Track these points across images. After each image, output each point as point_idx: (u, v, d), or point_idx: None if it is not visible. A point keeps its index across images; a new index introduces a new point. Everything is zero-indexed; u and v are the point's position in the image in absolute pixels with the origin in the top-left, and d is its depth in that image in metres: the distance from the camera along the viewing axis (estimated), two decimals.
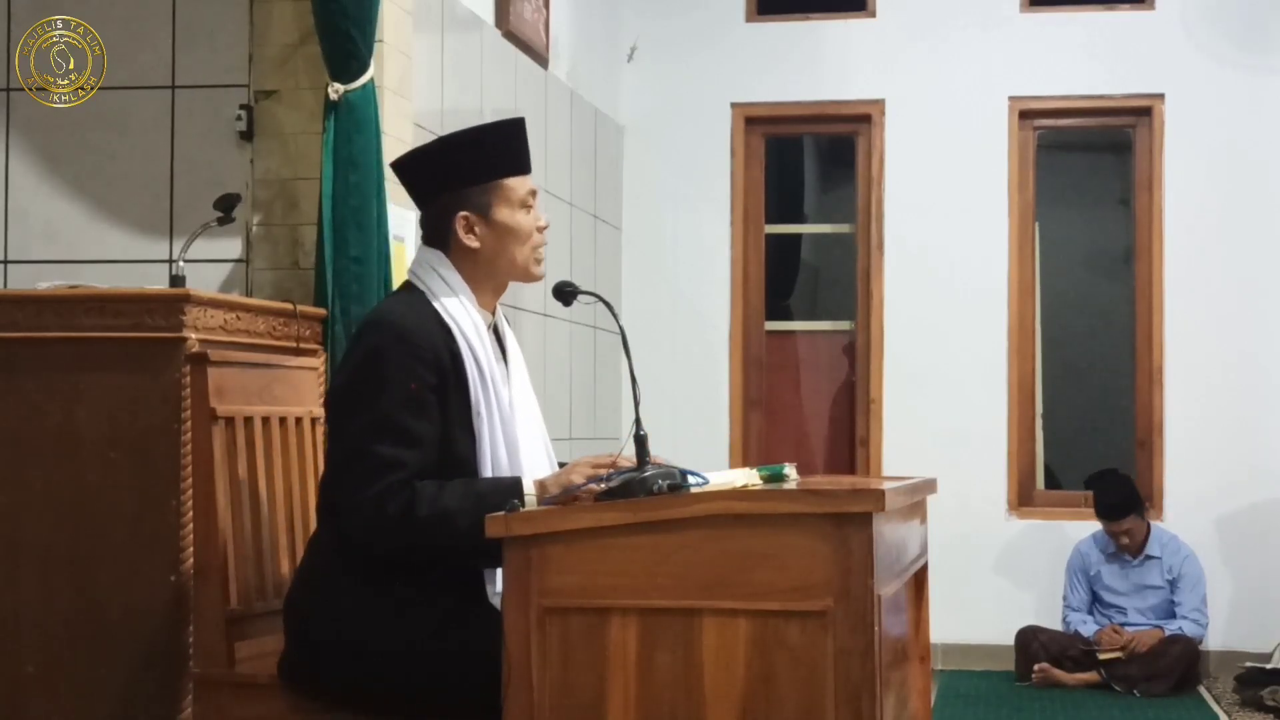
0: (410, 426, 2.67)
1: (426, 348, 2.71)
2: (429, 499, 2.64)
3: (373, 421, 2.66)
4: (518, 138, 2.91)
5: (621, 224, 7.02)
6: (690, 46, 7.05)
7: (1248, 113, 6.74)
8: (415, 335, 2.71)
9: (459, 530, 2.60)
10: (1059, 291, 7.59)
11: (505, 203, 2.84)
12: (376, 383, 2.68)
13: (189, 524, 3.12)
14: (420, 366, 2.69)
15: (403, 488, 2.64)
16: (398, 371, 2.68)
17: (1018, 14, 6.92)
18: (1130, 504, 6.40)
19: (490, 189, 2.84)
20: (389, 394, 2.67)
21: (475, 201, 2.83)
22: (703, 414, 6.93)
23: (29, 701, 3.23)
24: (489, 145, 2.89)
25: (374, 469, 2.64)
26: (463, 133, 2.97)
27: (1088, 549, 6.57)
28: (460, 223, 2.83)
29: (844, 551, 2.34)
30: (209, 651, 2.97)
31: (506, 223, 2.84)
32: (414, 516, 2.62)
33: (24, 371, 3.27)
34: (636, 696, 2.40)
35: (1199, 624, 6.36)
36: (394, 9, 4.15)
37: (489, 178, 2.84)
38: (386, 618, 2.69)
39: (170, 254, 4.05)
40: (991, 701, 6.05)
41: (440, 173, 2.87)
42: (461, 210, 2.83)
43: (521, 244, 2.86)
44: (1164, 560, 6.46)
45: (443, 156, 2.89)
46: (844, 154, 7.33)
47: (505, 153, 2.87)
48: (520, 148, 2.90)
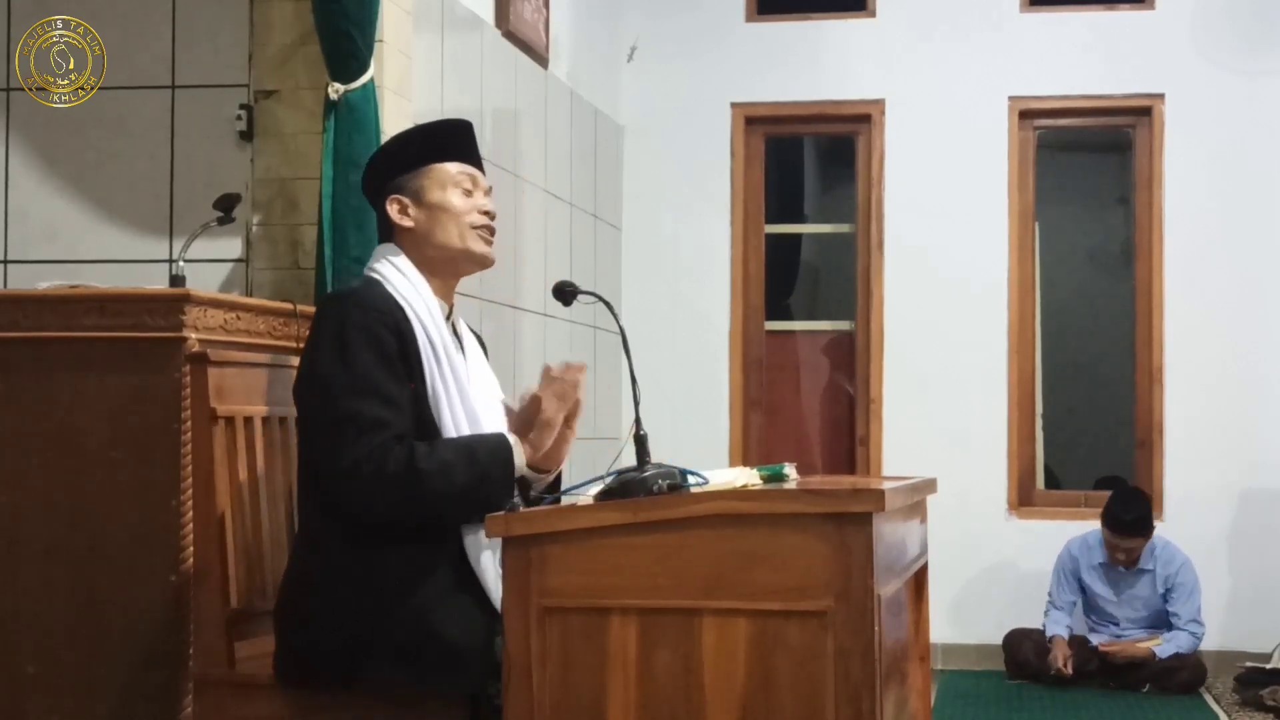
0: (388, 388, 2.71)
1: (386, 312, 2.77)
2: (425, 454, 2.67)
3: (352, 385, 2.69)
4: (456, 133, 3.01)
5: (621, 224, 7.02)
6: (690, 46, 7.05)
7: (1247, 113, 6.74)
8: (374, 303, 2.77)
9: (458, 484, 2.67)
10: (1059, 291, 7.60)
11: (437, 185, 2.92)
12: (348, 349, 2.71)
13: (189, 524, 3.12)
14: (383, 330, 2.74)
15: (396, 445, 2.67)
16: (367, 337, 2.72)
17: (1018, 14, 6.92)
18: (1144, 525, 6.33)
19: (421, 173, 2.92)
20: (363, 358, 2.71)
21: (407, 187, 2.93)
22: (703, 414, 6.93)
23: (29, 701, 3.22)
24: (423, 137, 3.01)
25: (363, 429, 2.66)
26: (399, 135, 3.12)
27: (1079, 551, 6.51)
28: (393, 205, 2.92)
29: (844, 551, 2.34)
30: (209, 651, 2.97)
31: (437, 201, 2.91)
32: (416, 470, 2.65)
33: (24, 371, 3.26)
34: (636, 696, 2.40)
35: (1195, 635, 6.31)
36: (394, 9, 4.15)
37: (420, 164, 2.92)
38: (377, 609, 2.69)
39: (170, 254, 4.06)
40: (991, 702, 6.05)
41: (380, 168, 2.99)
42: (391, 195, 2.92)
43: (455, 220, 2.91)
44: (1157, 571, 6.39)
45: (381, 154, 3.06)
46: (844, 154, 7.33)
47: (438, 143, 2.97)
48: (459, 140, 2.99)
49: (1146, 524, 6.34)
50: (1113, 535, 6.35)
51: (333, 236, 3.77)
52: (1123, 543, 6.34)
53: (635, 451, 2.66)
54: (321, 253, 3.79)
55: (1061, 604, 6.48)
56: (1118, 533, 6.33)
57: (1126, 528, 6.31)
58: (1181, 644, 6.26)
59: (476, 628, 2.69)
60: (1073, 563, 6.51)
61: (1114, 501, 6.39)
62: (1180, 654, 6.23)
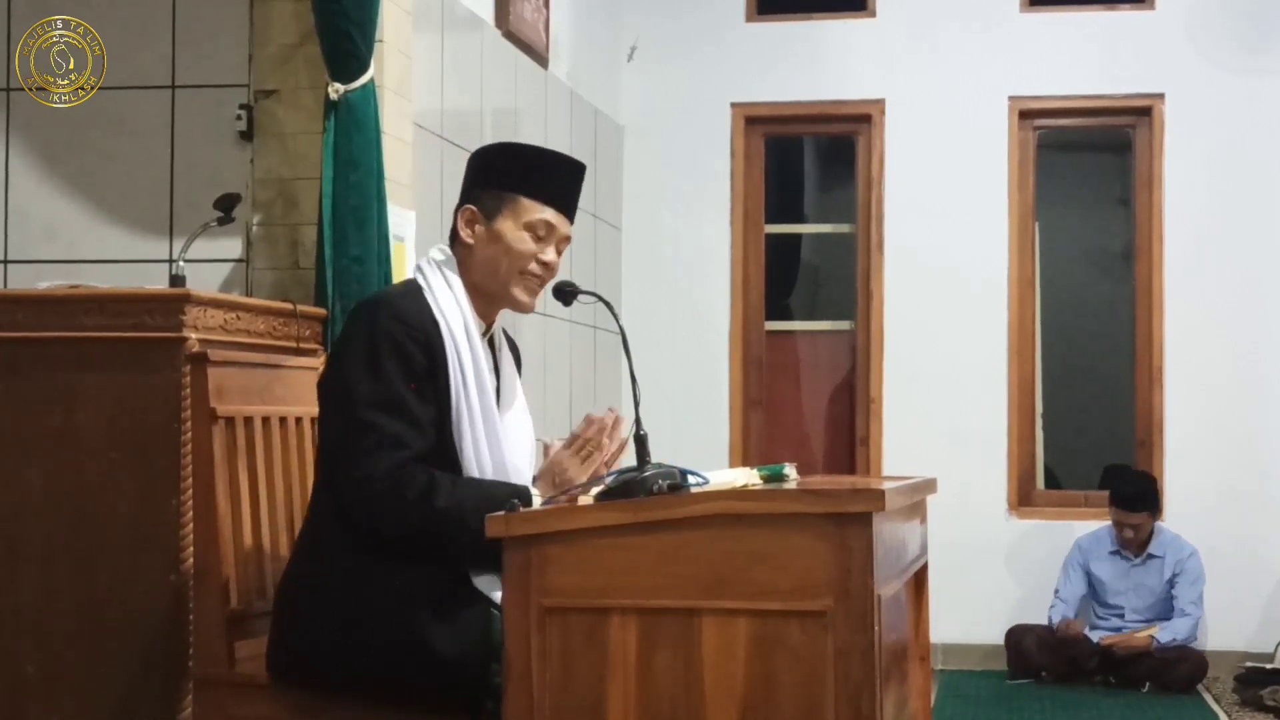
0: (413, 406, 2.69)
1: (418, 329, 2.73)
2: (446, 491, 2.65)
3: (376, 396, 2.67)
4: (566, 177, 2.94)
5: (621, 224, 7.02)
6: (690, 46, 7.05)
7: (1247, 113, 6.74)
8: (411, 318, 2.74)
9: (470, 529, 2.58)
10: (1059, 291, 7.59)
11: (512, 216, 2.86)
12: (379, 359, 2.69)
13: (189, 524, 3.12)
14: (413, 346, 2.71)
15: (415, 469, 2.65)
16: (400, 351, 2.70)
17: (1018, 14, 6.92)
18: (1146, 498, 6.43)
19: (505, 199, 2.86)
20: (392, 371, 2.69)
21: (487, 204, 2.87)
22: (703, 414, 6.93)
23: (29, 701, 3.22)
24: (527, 163, 2.92)
25: (380, 443, 2.65)
26: (515, 144, 3.06)
27: (1089, 544, 6.59)
28: (464, 214, 2.88)
29: (844, 551, 2.34)
30: (209, 651, 2.97)
31: (504, 233, 2.85)
32: (432, 506, 2.64)
33: (24, 371, 3.26)
34: (636, 696, 2.40)
35: (1192, 617, 6.36)
36: (394, 9, 4.15)
37: (508, 189, 2.86)
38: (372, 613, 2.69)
39: (170, 254, 4.05)
40: (991, 701, 6.05)
41: (476, 170, 2.92)
42: (470, 204, 2.87)
43: (510, 259, 2.85)
44: (1166, 559, 6.47)
45: (492, 154, 2.96)
46: (844, 154, 7.33)
47: (539, 178, 2.89)
48: (562, 183, 2.92)
49: (1149, 497, 6.44)
50: (1117, 510, 6.44)
51: (333, 236, 3.77)
52: (1128, 518, 6.42)
53: (635, 451, 2.67)
54: (321, 253, 3.79)
55: (1067, 596, 6.53)
56: (1122, 506, 6.42)
57: (1129, 501, 6.41)
58: (1179, 631, 6.30)
59: (470, 642, 2.67)
60: (1082, 555, 6.58)
61: (1115, 478, 6.53)
62: (1179, 641, 6.26)
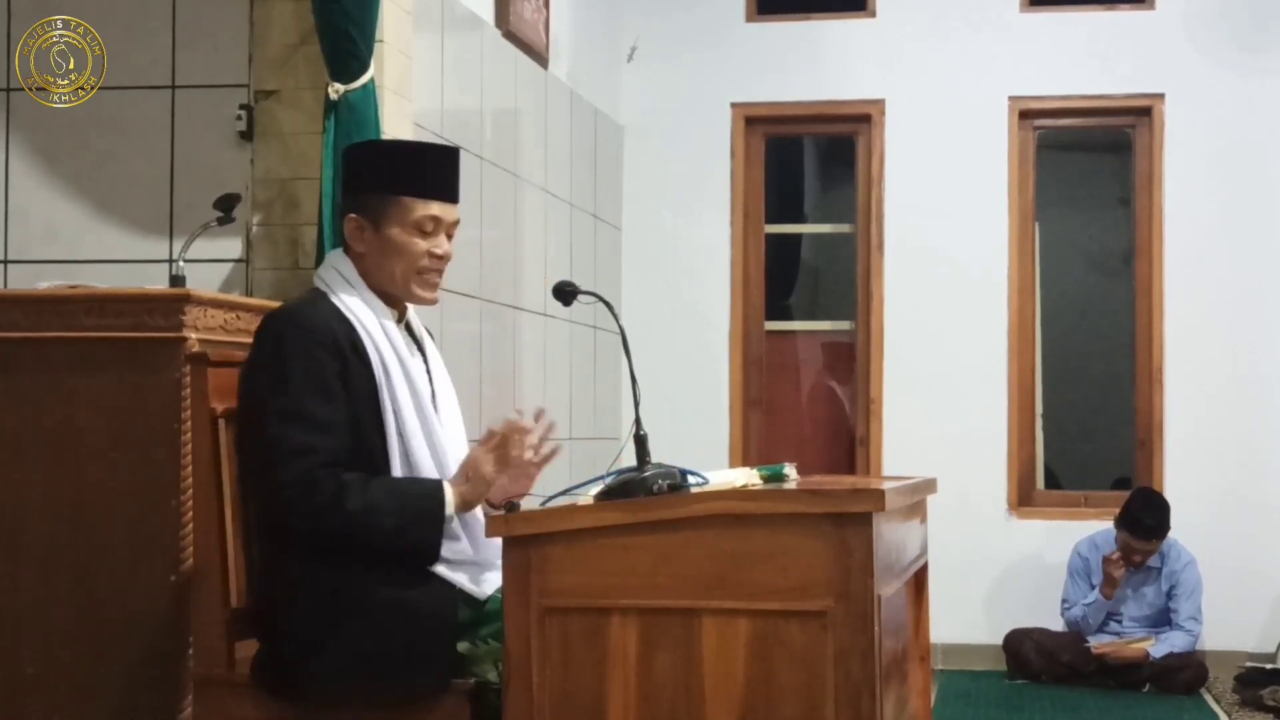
0: (316, 412, 2.70)
1: (325, 333, 2.74)
2: (356, 492, 2.67)
3: (281, 410, 2.70)
4: (441, 165, 2.91)
5: (621, 224, 7.02)
6: (690, 46, 7.05)
7: (1247, 113, 6.74)
8: (313, 321, 2.75)
9: (384, 529, 2.66)
10: (1059, 291, 7.60)
11: (397, 220, 2.85)
12: (281, 371, 2.72)
13: (189, 524, 3.12)
14: (321, 351, 2.73)
15: (323, 474, 2.67)
16: (301, 358, 2.72)
17: (1018, 14, 6.92)
18: (1165, 529, 6.34)
19: (388, 201, 2.85)
20: (294, 381, 2.70)
21: (371, 208, 2.86)
22: (703, 414, 6.93)
23: (29, 702, 3.22)
24: (403, 161, 2.91)
25: (286, 455, 2.67)
26: (385, 142, 3.02)
27: (1088, 552, 6.53)
28: (349, 224, 2.88)
29: (844, 551, 2.34)
30: (209, 651, 2.97)
31: (391, 238, 2.85)
32: (342, 507, 2.66)
33: (24, 371, 3.26)
34: (636, 696, 2.40)
35: (1191, 633, 6.32)
36: (394, 9, 4.15)
37: (388, 190, 2.85)
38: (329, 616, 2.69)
39: (170, 254, 4.06)
40: (991, 702, 6.04)
41: (351, 173, 2.94)
42: (353, 213, 2.88)
43: (402, 263, 2.85)
44: (1164, 569, 6.42)
45: (358, 159, 2.98)
46: (844, 154, 7.33)
47: (418, 174, 2.87)
48: (438, 174, 2.90)
49: (1166, 527, 6.35)
50: (1132, 538, 6.33)
51: (333, 236, 3.77)
52: (1142, 546, 6.33)
53: (635, 451, 2.67)
54: (321, 253, 3.79)
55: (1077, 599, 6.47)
56: (1138, 536, 6.32)
57: (1150, 532, 6.31)
58: (1176, 643, 6.27)
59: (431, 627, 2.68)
60: (1084, 564, 6.53)
61: (1136, 505, 6.38)
62: (1175, 653, 6.24)
